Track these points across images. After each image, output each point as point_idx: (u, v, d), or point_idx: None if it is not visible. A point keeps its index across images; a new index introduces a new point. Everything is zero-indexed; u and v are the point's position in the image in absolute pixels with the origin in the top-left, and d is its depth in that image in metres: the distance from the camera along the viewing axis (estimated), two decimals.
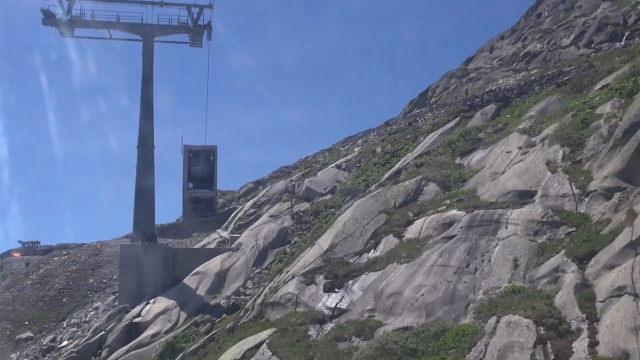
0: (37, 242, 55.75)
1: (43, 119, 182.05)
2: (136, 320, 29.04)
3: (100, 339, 28.78)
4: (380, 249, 21.91)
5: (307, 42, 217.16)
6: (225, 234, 39.31)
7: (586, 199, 19.12)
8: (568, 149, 22.87)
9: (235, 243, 34.29)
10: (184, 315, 28.01)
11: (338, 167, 42.21)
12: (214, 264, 31.59)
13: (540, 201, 20.11)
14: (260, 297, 23.23)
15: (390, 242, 22.06)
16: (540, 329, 13.49)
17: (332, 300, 19.63)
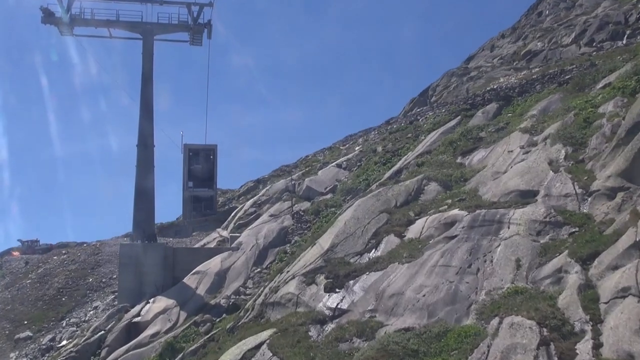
0: (37, 241, 55.61)
1: (43, 119, 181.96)
2: (136, 319, 28.94)
3: (100, 338, 28.68)
4: (382, 249, 21.77)
5: (307, 41, 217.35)
6: (225, 233, 39.21)
7: (589, 199, 18.97)
8: (570, 148, 22.73)
9: (235, 242, 34.19)
10: (183, 315, 27.91)
11: (339, 166, 42.05)
12: (214, 264, 31.49)
13: (542, 201, 19.96)
14: (261, 297, 23.11)
15: (392, 242, 21.93)
16: (543, 331, 13.35)
17: (333, 300, 19.51)
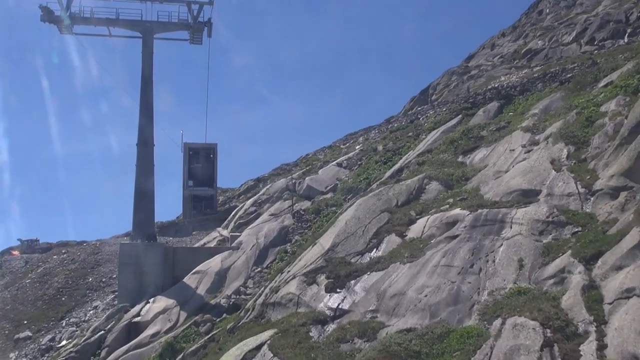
0: (37, 240, 55.43)
1: (43, 119, 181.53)
2: (136, 319, 28.80)
3: (100, 338, 28.53)
4: (383, 249, 21.66)
5: (308, 40, 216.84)
6: (225, 233, 39.08)
7: (592, 198, 18.86)
8: (573, 147, 22.62)
9: (235, 242, 34.06)
10: (184, 315, 27.78)
11: (339, 165, 41.91)
12: (214, 263, 31.37)
13: (545, 200, 19.85)
14: (261, 297, 22.98)
15: (393, 241, 21.82)
16: (546, 332, 13.24)
17: (334, 300, 19.38)
